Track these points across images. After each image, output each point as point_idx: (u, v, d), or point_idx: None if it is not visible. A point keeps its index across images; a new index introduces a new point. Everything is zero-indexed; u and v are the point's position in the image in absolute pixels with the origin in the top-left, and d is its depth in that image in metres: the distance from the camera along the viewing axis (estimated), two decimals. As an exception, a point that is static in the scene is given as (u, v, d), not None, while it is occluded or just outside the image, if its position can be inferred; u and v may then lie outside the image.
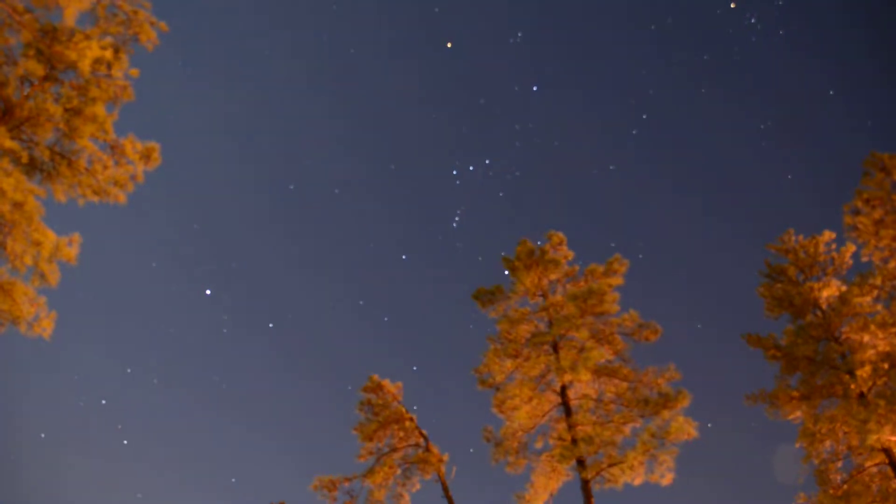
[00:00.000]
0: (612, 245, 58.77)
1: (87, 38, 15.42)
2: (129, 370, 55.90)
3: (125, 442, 48.49)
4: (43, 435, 47.26)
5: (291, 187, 66.18)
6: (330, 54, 65.00)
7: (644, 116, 59.69)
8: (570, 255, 20.46)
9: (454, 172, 59.48)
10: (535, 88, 61.35)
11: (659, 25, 57.41)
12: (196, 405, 57.16)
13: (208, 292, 60.29)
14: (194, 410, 57.23)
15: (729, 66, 60.44)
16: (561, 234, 20.36)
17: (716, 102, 58.97)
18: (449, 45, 59.75)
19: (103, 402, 50.43)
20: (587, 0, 61.53)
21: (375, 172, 67.66)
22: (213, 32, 63.89)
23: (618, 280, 19.82)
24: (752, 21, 52.57)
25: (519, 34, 59.65)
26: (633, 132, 60.09)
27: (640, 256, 56.73)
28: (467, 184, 58.29)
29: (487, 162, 59.36)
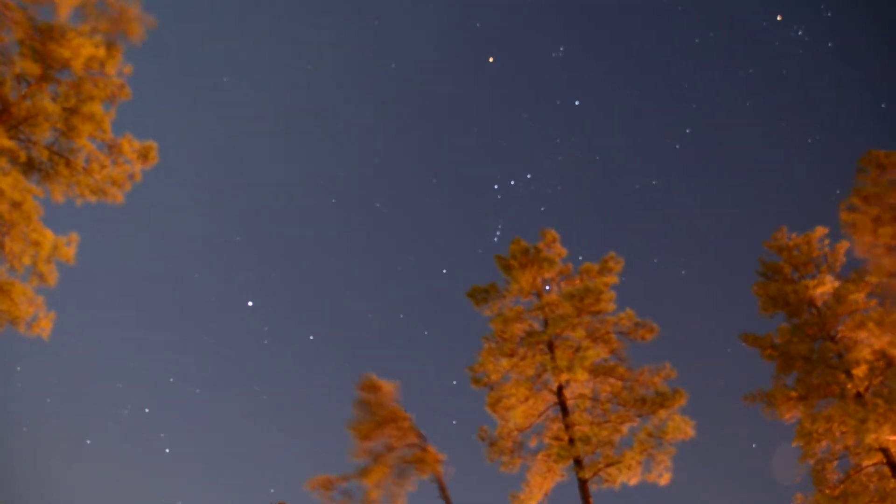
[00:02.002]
0: (655, 261, 56.43)
1: (80, 35, 15.56)
2: (171, 379, 56.21)
3: (167, 450, 48.85)
4: (88, 441, 48.38)
5: (333, 200, 66.75)
6: (372, 68, 65.74)
7: (687, 130, 58.92)
8: (564, 252, 20.47)
9: (495, 187, 58.31)
10: (577, 103, 61.15)
11: (702, 39, 56.54)
12: (237, 415, 57.49)
13: (250, 303, 60.77)
14: (235, 420, 57.38)
15: (775, 79, 58.43)
16: (554, 232, 20.40)
17: (761, 116, 57.81)
18: (491, 59, 60.20)
19: (146, 410, 51.20)
20: (629, 14, 60.96)
21: (417, 186, 67.78)
22: (258, 42, 64.86)
23: (613, 279, 19.80)
24: (800, 33, 51.19)
25: (561, 48, 59.68)
26: (676, 146, 58.82)
27: (683, 272, 56.54)
28: (508, 198, 57.29)
29: (529, 176, 58.95)
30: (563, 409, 19.29)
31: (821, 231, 21.38)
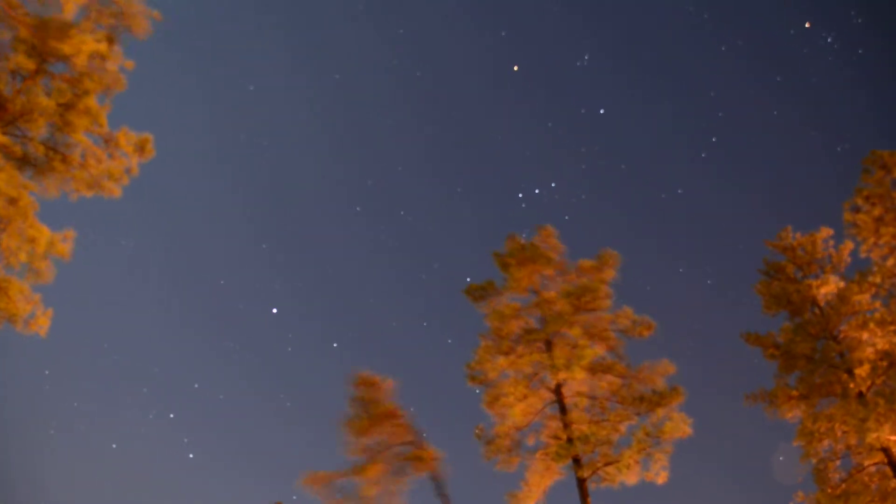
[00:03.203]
0: (681, 270, 56.76)
1: (82, 31, 15.52)
2: (196, 385, 57.32)
3: (191, 455, 49.40)
4: (114, 445, 49.22)
5: (358, 209, 66.90)
6: (397, 77, 66.00)
7: (713, 139, 58.28)
8: (562, 248, 20.33)
9: (520, 195, 58.59)
10: (601, 111, 61.02)
11: (729, 46, 55.80)
12: (260, 421, 58.12)
13: (275, 310, 61.03)
14: (259, 426, 57.79)
15: (804, 87, 57.77)
16: (551, 228, 20.25)
17: (790, 125, 57.11)
18: (516, 68, 60.16)
19: (171, 415, 51.89)
20: (655, 22, 60.59)
21: (441, 195, 67.96)
22: (284, 50, 65.17)
23: (610, 273, 19.63)
24: (829, 41, 50.05)
25: (586, 57, 59.35)
26: (702, 155, 58.70)
27: (709, 282, 56.07)
28: (533, 207, 56.65)
29: (553, 185, 58.60)
30: (562, 407, 19.14)
31: (826, 231, 21.19)
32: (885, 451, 18.14)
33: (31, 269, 17.15)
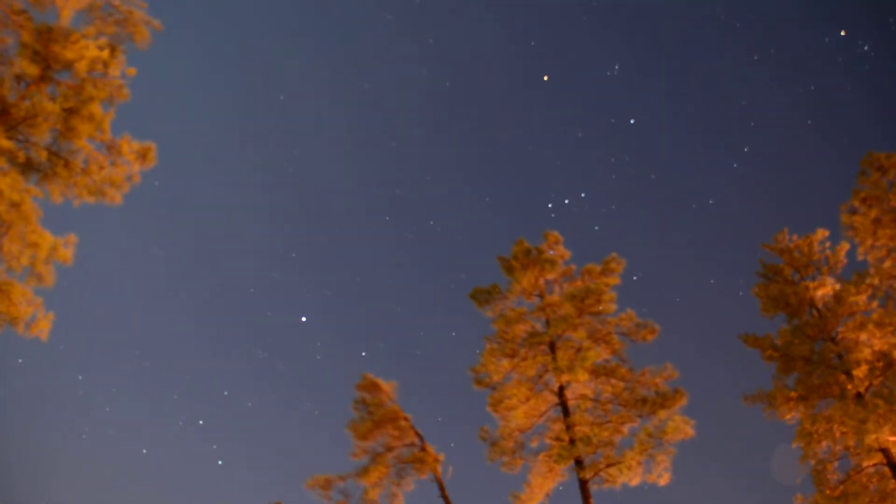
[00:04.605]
0: (712, 282, 55.60)
1: (84, 37, 15.47)
2: (225, 392, 57.45)
3: (220, 462, 49.42)
4: (144, 451, 49.70)
5: (387, 218, 66.72)
6: (426, 87, 65.63)
7: (745, 149, 57.21)
8: (567, 254, 20.46)
9: (549, 205, 58.21)
10: (632, 121, 60.03)
11: (762, 55, 54.99)
12: (289, 430, 58.00)
13: (304, 319, 61.28)
14: (287, 435, 57.90)
15: (839, 96, 55.89)
16: (557, 234, 20.38)
17: (824, 134, 55.79)
18: (546, 78, 59.71)
19: (200, 422, 52.25)
20: (685, 31, 59.56)
21: (471, 205, 67.77)
22: (314, 60, 64.99)
23: (615, 279, 19.80)
24: (865, 48, 48.84)
25: (616, 66, 58.97)
26: (734, 165, 57.11)
27: (741, 294, 55.63)
28: (562, 217, 55.86)
29: (583, 195, 57.92)
30: (565, 409, 19.29)
31: (822, 233, 21.39)
32: (884, 451, 18.38)
33: (32, 273, 17.08)
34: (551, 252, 20.24)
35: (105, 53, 15.78)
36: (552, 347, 19.54)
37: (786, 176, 60.71)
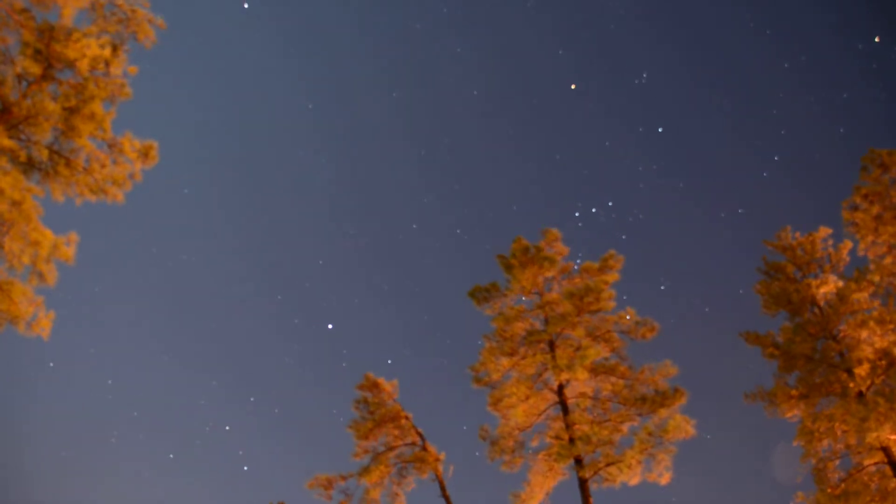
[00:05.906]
0: (741, 292, 55.07)
1: (86, 36, 15.54)
2: (252, 399, 57.99)
3: (245, 468, 49.80)
4: (171, 455, 50.43)
5: (414, 226, 66.81)
6: (452, 99, 65.68)
7: (776, 158, 56.83)
8: (566, 251, 20.43)
9: (576, 214, 57.08)
10: (660, 129, 59.81)
11: (792, 63, 54.16)
12: (315, 437, 58.39)
13: (330, 326, 62.07)
14: (313, 442, 58.14)
15: (873, 104, 54.89)
16: (556, 231, 20.36)
17: (857, 143, 55.18)
18: (573, 86, 59.46)
19: (227, 428, 52.66)
20: (714, 40, 58.76)
21: (498, 213, 67.73)
22: (343, 68, 65.31)
23: (614, 276, 19.76)
24: None
25: (644, 75, 58.54)
26: (764, 174, 57.22)
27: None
28: (589, 226, 55.80)
29: (610, 204, 58.25)
30: (564, 408, 19.27)
31: (824, 231, 21.32)
32: (885, 450, 18.29)
33: (34, 271, 17.14)
34: (550, 250, 20.22)
35: (107, 52, 15.83)
36: (551, 345, 19.52)
37: (817, 185, 59.63)
